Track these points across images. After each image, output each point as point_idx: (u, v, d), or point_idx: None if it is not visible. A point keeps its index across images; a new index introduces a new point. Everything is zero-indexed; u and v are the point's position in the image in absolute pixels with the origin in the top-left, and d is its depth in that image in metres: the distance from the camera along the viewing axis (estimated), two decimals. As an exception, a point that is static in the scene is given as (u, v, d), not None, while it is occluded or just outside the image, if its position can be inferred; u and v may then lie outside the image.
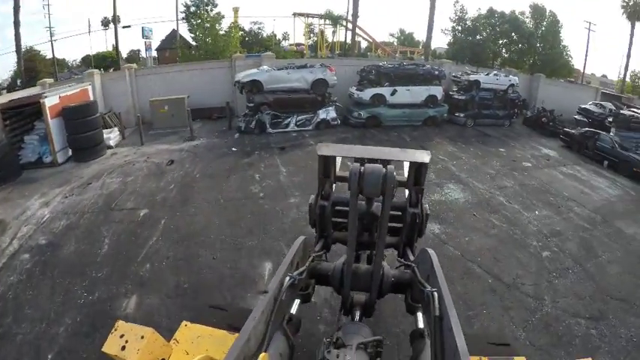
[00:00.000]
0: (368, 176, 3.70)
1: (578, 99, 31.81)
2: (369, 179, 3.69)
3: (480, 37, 38.11)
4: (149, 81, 24.87)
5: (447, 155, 18.98)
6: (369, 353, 3.19)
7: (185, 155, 17.75)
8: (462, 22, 38.06)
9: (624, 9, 45.91)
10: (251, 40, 51.33)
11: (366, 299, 4.43)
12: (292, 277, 3.60)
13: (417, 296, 4.16)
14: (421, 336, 3.79)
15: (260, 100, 21.49)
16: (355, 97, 23.18)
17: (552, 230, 12.17)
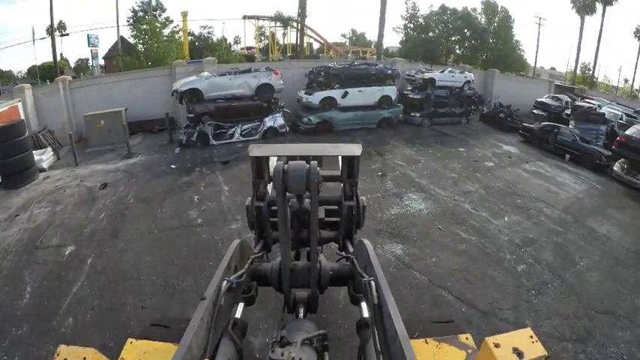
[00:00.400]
0: (291, 173, 3.58)
1: (532, 93, 31.72)
2: (293, 176, 3.58)
3: (433, 34, 37.03)
4: (85, 93, 22.61)
5: (405, 159, 17.79)
6: (315, 348, 3.11)
7: (120, 176, 15.94)
8: (414, 19, 36.89)
9: (574, 3, 46.00)
10: (201, 44, 48.88)
11: (309, 295, 4.37)
12: (229, 280, 3.52)
13: (358, 287, 4.11)
14: (366, 325, 3.68)
15: (201, 110, 19.64)
16: (304, 101, 21.58)
17: (525, 238, 11.41)
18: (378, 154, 18.39)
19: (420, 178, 15.60)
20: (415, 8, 37.01)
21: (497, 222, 12.26)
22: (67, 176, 16.24)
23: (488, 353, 2.73)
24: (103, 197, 13.66)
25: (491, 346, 2.72)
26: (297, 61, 30.87)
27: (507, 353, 2.70)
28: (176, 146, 19.64)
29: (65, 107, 21.85)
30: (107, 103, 22.12)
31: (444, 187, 14.83)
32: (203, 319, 3.03)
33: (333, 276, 4.42)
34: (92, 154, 19.59)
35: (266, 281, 4.47)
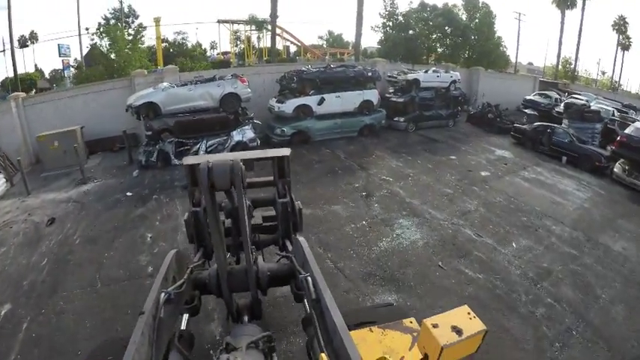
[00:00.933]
0: (216, 169, 3.58)
1: (517, 90, 30.25)
2: (217, 172, 3.58)
3: (413, 32, 34.76)
4: (41, 111, 20.13)
5: (392, 173, 15.80)
6: (261, 350, 3.16)
7: (71, 208, 13.84)
8: (393, 17, 34.56)
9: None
10: (175, 51, 46.42)
11: (251, 301, 4.31)
12: (167, 292, 3.40)
13: (300, 285, 3.96)
14: (310, 321, 3.60)
15: (159, 127, 17.30)
16: (276, 110, 19.25)
17: (539, 269, 9.76)
18: (360, 168, 16.37)
19: (411, 197, 13.64)
20: (394, 5, 34.88)
21: (505, 250, 10.47)
22: (16, 208, 14.32)
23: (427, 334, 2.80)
24: (49, 236, 11.76)
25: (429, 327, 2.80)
26: (268, 66, 27.67)
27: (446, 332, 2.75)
28: (135, 167, 17.37)
29: (19, 127, 19.47)
30: (64, 121, 19.73)
31: (439, 207, 12.91)
32: (144, 333, 2.90)
33: (272, 276, 4.38)
34: (47, 178, 17.50)
35: (207, 289, 4.32)
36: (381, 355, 3.16)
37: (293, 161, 14.87)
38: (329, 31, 67.01)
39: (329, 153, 17.98)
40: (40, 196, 15.27)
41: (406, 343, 3.43)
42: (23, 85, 46.90)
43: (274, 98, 19.67)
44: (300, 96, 18.91)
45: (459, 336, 2.77)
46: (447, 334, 2.77)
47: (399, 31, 34.08)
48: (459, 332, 2.79)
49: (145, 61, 27.83)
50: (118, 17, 43.99)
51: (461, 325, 2.84)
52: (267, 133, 19.17)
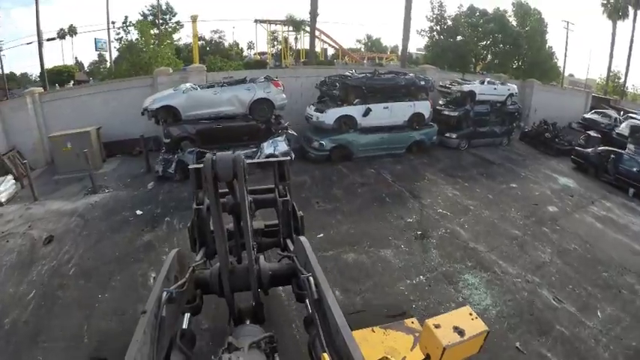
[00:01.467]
0: (219, 161, 3.63)
1: (569, 105, 27.24)
2: (221, 163, 3.62)
3: (462, 37, 31.10)
4: (58, 108, 18.13)
5: (449, 205, 12.94)
6: (263, 351, 3.10)
7: (73, 224, 11.72)
8: (442, 21, 31.02)
9: (604, 7, 40.28)
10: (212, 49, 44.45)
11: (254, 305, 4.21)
12: (169, 291, 3.38)
13: (302, 284, 3.88)
14: (312, 321, 3.57)
15: (178, 134, 14.88)
16: (314, 120, 16.45)
17: (627, 351, 7.31)
18: (412, 195, 13.54)
19: (474, 239, 10.77)
20: (442, 8, 31.29)
21: (590, 322, 7.99)
22: (19, 216, 12.59)
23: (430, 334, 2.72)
24: (43, 259, 9.90)
25: (431, 327, 2.72)
26: (306, 68, 23.78)
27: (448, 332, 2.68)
28: (151, 178, 14.99)
29: (36, 125, 17.73)
30: (82, 120, 17.76)
31: (509, 256, 10.12)
32: (146, 332, 2.88)
33: (274, 275, 4.30)
34: (59, 182, 15.67)
35: (209, 288, 4.25)
36: (383, 355, 3.29)
37: (333, 181, 13.94)
38: (367, 34, 63.96)
39: (374, 174, 15.18)
40: (46, 203, 13.44)
41: (408, 343, 3.39)
42: (61, 78, 46.30)
43: (312, 106, 16.93)
44: (342, 105, 16.07)
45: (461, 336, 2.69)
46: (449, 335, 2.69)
47: (448, 36, 30.67)
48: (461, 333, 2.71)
49: (174, 57, 25.27)
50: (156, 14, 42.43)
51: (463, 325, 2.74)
52: (303, 146, 16.50)
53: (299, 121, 17.26)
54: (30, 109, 17.51)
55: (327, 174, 14.91)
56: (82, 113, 18.06)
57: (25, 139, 17.36)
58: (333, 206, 12.33)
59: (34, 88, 19.07)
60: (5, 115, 17.23)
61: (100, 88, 18.88)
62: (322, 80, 17.38)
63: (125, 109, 17.45)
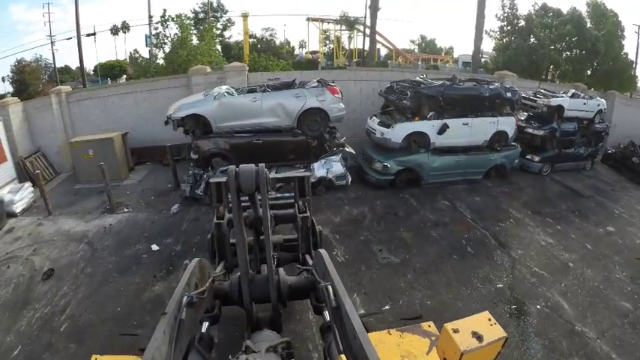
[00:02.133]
0: (243, 174, 3.67)
1: None
2: (244, 176, 3.66)
3: (536, 40, 26.60)
4: (86, 109, 15.99)
5: (544, 261, 9.58)
6: (279, 355, 3.07)
7: (78, 255, 9.63)
8: (515, 20, 26.70)
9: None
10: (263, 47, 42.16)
11: (272, 314, 4.21)
12: (189, 295, 3.37)
13: (320, 297, 3.92)
14: (329, 328, 3.64)
15: (208, 148, 12.04)
16: (378, 136, 12.87)
17: None
18: (498, 243, 10.18)
19: (580, 317, 7.65)
20: (513, 6, 26.96)
21: None
22: (28, 234, 10.88)
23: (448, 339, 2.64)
24: (38, 301, 8.08)
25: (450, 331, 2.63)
26: (367, 70, 18.61)
27: (467, 337, 2.59)
28: (178, 197, 12.36)
29: (61, 126, 15.68)
30: (111, 122, 15.80)
31: (623, 345, 6.99)
32: (165, 332, 2.90)
33: (293, 288, 4.28)
34: (79, 193, 13.60)
35: (228, 298, 4.26)
36: (398, 358, 3.20)
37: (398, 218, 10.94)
38: (421, 34, 59.68)
39: (448, 208, 11.85)
40: (59, 220, 11.53)
41: (424, 346, 3.26)
42: (113, 72, 45.36)
43: (375, 118, 13.42)
44: (413, 118, 12.57)
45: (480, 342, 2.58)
46: (468, 340, 2.58)
47: (520, 39, 26.36)
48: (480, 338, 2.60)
49: (218, 55, 22.25)
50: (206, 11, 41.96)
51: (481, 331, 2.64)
52: (362, 166, 13.26)
53: (355, 133, 14.16)
54: (55, 109, 15.41)
55: (392, 206, 11.66)
56: (111, 115, 15.94)
57: (50, 142, 15.43)
58: (400, 258, 9.12)
59: (61, 87, 16.84)
60: (30, 114, 15.17)
61: (131, 88, 16.38)
62: (388, 86, 13.94)
63: (157, 112, 14.74)
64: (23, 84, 40.59)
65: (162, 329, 2.85)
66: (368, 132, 13.31)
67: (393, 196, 12.15)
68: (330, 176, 11.95)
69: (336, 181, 12.06)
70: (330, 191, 12.19)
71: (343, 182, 12.18)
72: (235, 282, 4.20)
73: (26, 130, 15.08)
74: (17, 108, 14.81)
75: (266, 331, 3.82)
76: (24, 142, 14.74)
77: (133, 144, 15.40)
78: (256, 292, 4.15)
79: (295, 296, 4.40)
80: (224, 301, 4.26)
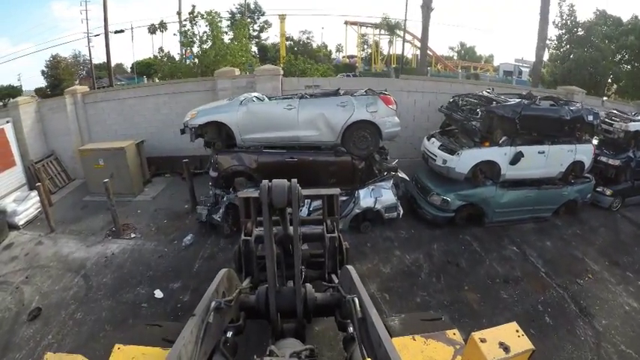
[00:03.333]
0: (275, 188, 3.63)
1: None
2: (276, 190, 3.62)
3: (596, 51, 23.39)
4: (103, 111, 14.23)
5: (629, 334, 7.24)
6: None
7: (72, 292, 7.95)
8: (575, 28, 23.58)
9: None
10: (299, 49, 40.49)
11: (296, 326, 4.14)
12: (218, 301, 3.40)
13: (345, 313, 3.86)
14: (352, 339, 3.65)
15: (230, 166, 9.69)
16: (438, 164, 10.21)
17: None
18: (578, 308, 7.82)
19: None
20: (572, 13, 23.82)
21: None
22: (25, 254, 9.50)
23: (474, 348, 2.60)
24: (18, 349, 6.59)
25: (477, 341, 2.58)
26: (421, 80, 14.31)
27: (493, 348, 2.54)
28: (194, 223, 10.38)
29: (76, 129, 14.01)
30: (129, 127, 14.10)
31: None
32: (192, 332, 2.94)
33: (319, 304, 4.19)
34: (87, 207, 11.92)
35: (254, 311, 4.19)
36: None
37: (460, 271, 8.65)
38: (461, 41, 56.55)
39: (517, 255, 9.38)
40: (59, 241, 9.99)
41: (448, 354, 3.19)
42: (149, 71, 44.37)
43: (434, 139, 10.82)
44: (482, 144, 9.98)
45: (506, 353, 2.49)
46: (494, 350, 2.49)
47: (581, 49, 23.27)
48: (507, 349, 2.49)
49: (250, 55, 19.95)
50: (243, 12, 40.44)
51: (509, 342, 2.55)
52: (414, 196, 10.85)
53: (405, 153, 11.88)
54: (70, 110, 13.75)
55: (452, 252, 9.27)
56: (129, 119, 14.14)
57: (64, 145, 13.87)
58: (467, 332, 6.68)
59: (77, 87, 15.04)
60: (44, 115, 13.72)
61: (150, 90, 14.42)
62: (451, 101, 11.40)
63: (178, 117, 12.32)
64: (57, 79, 40.27)
65: (189, 329, 2.88)
66: (424, 156, 10.87)
67: (452, 237, 9.78)
68: (378, 207, 9.56)
69: (385, 214, 9.68)
70: (377, 227, 9.91)
71: (394, 215, 9.78)
72: (262, 294, 4.14)
73: (39, 132, 13.58)
74: (29, 108, 13.28)
75: (290, 339, 3.76)
76: (36, 145, 13.34)
77: (151, 152, 13.64)
78: (283, 305, 4.04)
79: (320, 312, 4.27)
80: (249, 313, 4.19)
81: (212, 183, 10.00)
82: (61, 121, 13.72)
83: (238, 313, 4.10)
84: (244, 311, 4.18)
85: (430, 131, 11.65)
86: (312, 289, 4.30)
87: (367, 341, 3.08)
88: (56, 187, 13.34)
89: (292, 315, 4.08)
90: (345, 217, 9.50)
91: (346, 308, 3.62)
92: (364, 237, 9.49)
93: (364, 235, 9.59)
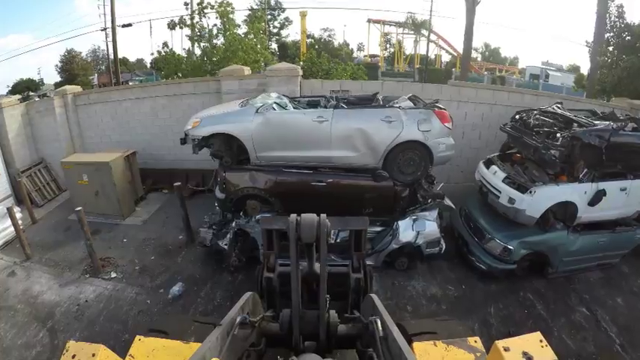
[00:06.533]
0: (304, 223, 3.53)
1: None
2: (305, 225, 3.52)
3: None
4: (95, 115, 12.55)
5: None
6: None
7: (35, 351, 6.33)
8: (624, 32, 20.92)
9: None
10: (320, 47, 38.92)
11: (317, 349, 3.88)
12: (244, 316, 3.40)
13: (367, 341, 3.69)
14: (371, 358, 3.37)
15: (242, 187, 7.82)
16: (502, 203, 7.77)
17: None
18: None
19: None
20: (622, 15, 21.09)
21: None
22: None
23: (497, 356, 2.58)
24: None
25: (500, 349, 2.56)
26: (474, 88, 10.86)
27: (517, 357, 2.51)
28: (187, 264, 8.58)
29: (67, 134, 12.48)
30: (124, 132, 12.43)
31: None
32: (218, 339, 2.96)
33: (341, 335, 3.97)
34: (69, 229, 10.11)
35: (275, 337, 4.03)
36: None
37: None
38: (485, 42, 53.94)
39: (588, 320, 7.17)
40: (33, 274, 8.46)
41: None
42: None
43: (496, 168, 8.40)
44: (558, 178, 7.59)
45: None
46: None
47: (631, 54, 20.56)
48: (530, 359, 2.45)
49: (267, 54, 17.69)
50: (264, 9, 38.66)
51: (532, 352, 2.50)
52: (462, 234, 8.61)
53: (451, 176, 9.87)
54: (58, 114, 12.17)
55: (513, 319, 7.06)
56: (124, 124, 12.36)
57: (54, 152, 12.29)
58: None
59: (67, 87, 13.15)
60: (32, 118, 12.39)
61: (146, 92, 12.24)
62: (517, 117, 8.89)
63: (178, 124, 10.62)
64: (72, 74, 39.30)
65: (215, 336, 2.90)
66: (482, 189, 8.63)
67: (512, 295, 7.58)
68: (419, 242, 7.60)
69: (426, 249, 7.73)
70: (417, 276, 7.87)
71: (435, 250, 7.82)
72: (285, 317, 3.91)
73: (26, 137, 12.20)
74: (15, 111, 11.88)
75: (312, 355, 3.48)
76: (23, 152, 12.08)
77: (147, 163, 11.80)
78: (306, 328, 3.84)
79: (342, 343, 4.00)
80: (271, 340, 4.02)
81: (218, 205, 8.22)
82: (50, 126, 12.23)
83: (260, 338, 4.01)
84: (266, 337, 4.07)
85: (482, 152, 9.48)
86: (336, 314, 4.07)
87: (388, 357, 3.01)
88: (44, 200, 11.83)
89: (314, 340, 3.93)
90: (380, 253, 7.60)
91: (367, 335, 3.57)
92: (403, 294, 7.43)
93: (403, 290, 7.52)
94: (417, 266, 8.13)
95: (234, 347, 3.24)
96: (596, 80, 20.57)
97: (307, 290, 4.54)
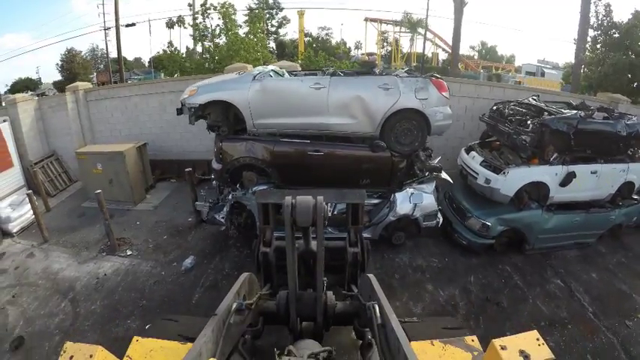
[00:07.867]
0: (299, 206, 3.38)
1: None
2: (301, 209, 3.37)
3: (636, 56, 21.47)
4: (105, 110, 13.25)
5: None
6: None
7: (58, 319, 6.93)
8: (613, 29, 21.71)
9: None
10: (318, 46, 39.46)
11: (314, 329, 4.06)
12: (240, 302, 3.47)
13: (364, 322, 3.86)
14: (369, 345, 3.68)
15: (238, 156, 8.04)
16: (479, 183, 8.66)
17: None
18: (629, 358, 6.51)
19: None
20: (609, 13, 21.95)
21: None
22: (14, 268, 8.55)
23: (494, 355, 2.61)
24: None
25: (497, 348, 2.58)
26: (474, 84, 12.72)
27: (514, 355, 2.54)
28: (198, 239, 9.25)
29: (78, 128, 13.13)
30: (133, 126, 13.14)
31: None
32: (213, 331, 3.01)
33: (338, 313, 4.13)
34: (85, 214, 10.84)
35: (273, 318, 4.18)
36: None
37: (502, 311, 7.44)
38: (481, 41, 54.65)
39: (562, 291, 7.96)
40: (51, 254, 8.99)
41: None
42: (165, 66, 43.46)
43: (475, 153, 9.26)
44: (530, 161, 8.41)
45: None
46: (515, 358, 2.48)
47: (617, 51, 21.45)
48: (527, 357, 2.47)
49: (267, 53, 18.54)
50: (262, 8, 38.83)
51: (529, 350, 2.52)
52: (447, 216, 9.21)
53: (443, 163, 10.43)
54: (70, 108, 12.83)
55: (490, 286, 7.90)
56: (133, 118, 13.10)
57: (66, 145, 12.92)
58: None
59: (78, 83, 13.99)
60: (44, 113, 12.88)
61: (155, 88, 13.15)
62: (495, 109, 9.75)
63: (184, 118, 10.88)
64: (72, 73, 39.82)
65: (211, 327, 2.96)
66: (462, 172, 9.42)
67: (491, 267, 8.41)
68: (417, 214, 8.18)
69: (422, 222, 8.26)
70: (404, 250, 8.65)
71: (433, 223, 8.34)
72: (283, 296, 4.03)
73: (39, 131, 12.74)
74: (29, 106, 12.45)
75: (309, 340, 3.63)
76: (36, 145, 12.61)
77: (156, 155, 12.53)
78: (303, 310, 3.94)
79: (339, 321, 4.15)
80: (268, 318, 4.15)
81: (215, 176, 8.55)
82: (62, 120, 12.84)
83: (257, 317, 4.08)
84: (263, 316, 4.16)
85: (466, 141, 10.28)
86: (333, 296, 4.19)
87: (386, 347, 3.06)
88: (56, 190, 12.46)
89: (312, 320, 4.02)
90: (377, 225, 8.13)
91: (365, 316, 3.55)
92: (392, 265, 8.20)
93: (391, 262, 8.28)
94: (405, 243, 8.79)
95: (231, 334, 3.32)
96: (580, 75, 21.41)
97: (304, 266, 4.55)
